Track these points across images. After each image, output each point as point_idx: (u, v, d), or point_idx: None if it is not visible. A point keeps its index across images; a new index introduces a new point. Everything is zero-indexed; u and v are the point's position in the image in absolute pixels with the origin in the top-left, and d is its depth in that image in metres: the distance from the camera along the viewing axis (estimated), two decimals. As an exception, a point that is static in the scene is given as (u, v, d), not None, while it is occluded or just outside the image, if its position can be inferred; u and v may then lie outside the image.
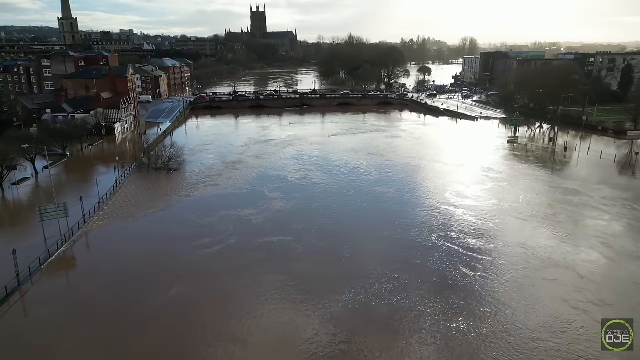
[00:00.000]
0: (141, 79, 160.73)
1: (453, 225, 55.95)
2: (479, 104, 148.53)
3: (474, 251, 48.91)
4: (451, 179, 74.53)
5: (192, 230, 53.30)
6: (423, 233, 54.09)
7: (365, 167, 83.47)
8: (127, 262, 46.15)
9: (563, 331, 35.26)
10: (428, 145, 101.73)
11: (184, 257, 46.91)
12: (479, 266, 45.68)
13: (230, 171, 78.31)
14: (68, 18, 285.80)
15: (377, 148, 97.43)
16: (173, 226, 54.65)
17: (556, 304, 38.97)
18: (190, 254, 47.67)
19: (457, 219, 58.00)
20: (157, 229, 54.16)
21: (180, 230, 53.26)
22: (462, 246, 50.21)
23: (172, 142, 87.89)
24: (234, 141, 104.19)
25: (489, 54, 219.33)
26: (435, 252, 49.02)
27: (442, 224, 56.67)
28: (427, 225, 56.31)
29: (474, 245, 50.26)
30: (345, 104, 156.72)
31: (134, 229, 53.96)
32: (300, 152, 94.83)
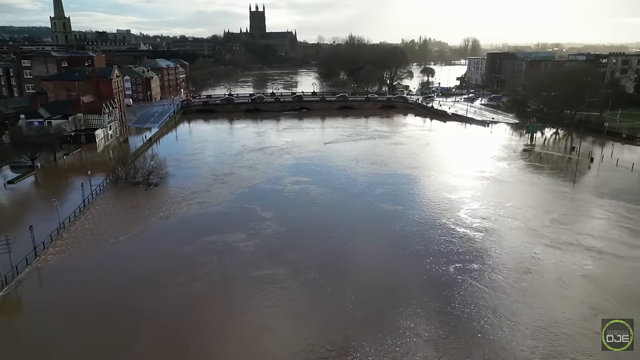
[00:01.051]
0: (131, 80, 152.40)
1: (472, 254, 47.72)
2: (488, 108, 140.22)
3: (501, 290, 40.53)
4: (465, 195, 66.15)
5: (166, 264, 44.88)
6: (439, 264, 45.85)
7: (368, 179, 75.22)
8: (77, 310, 37.50)
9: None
10: (436, 153, 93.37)
11: (152, 302, 38.47)
12: (506, 313, 37.25)
13: (219, 185, 69.91)
14: (60, 17, 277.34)
15: (380, 157, 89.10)
16: (145, 258, 46.21)
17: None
18: (161, 296, 39.25)
19: (476, 246, 49.75)
20: (125, 261, 45.65)
21: (152, 264, 44.81)
22: (487, 284, 41.85)
23: (153, 153, 79.19)
24: (226, 149, 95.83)
25: (495, 55, 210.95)
26: (456, 291, 40.70)
27: (459, 251, 48.44)
28: (443, 253, 48.08)
29: (500, 282, 41.88)
30: (346, 107, 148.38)
31: (96, 263, 45.22)
32: (297, 161, 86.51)
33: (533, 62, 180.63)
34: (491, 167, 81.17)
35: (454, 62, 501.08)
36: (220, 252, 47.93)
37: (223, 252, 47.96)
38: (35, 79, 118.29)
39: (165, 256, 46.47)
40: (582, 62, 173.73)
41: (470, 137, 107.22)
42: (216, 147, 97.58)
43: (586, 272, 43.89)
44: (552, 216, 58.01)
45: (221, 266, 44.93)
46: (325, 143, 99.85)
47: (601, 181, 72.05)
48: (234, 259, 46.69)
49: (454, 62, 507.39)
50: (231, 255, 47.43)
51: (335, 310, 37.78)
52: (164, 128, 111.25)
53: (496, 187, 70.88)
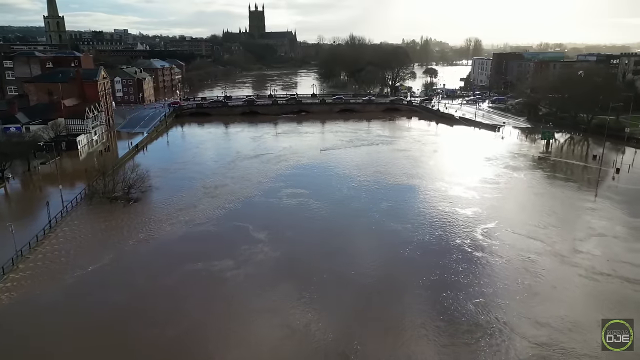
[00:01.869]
0: (122, 82, 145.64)
1: (494, 285, 41.18)
2: (496, 111, 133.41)
3: (535, 340, 33.82)
4: (479, 210, 59.45)
5: (140, 302, 38.25)
6: (458, 301, 39.27)
7: (372, 191, 68.61)
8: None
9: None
10: (445, 161, 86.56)
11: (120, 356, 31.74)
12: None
13: (209, 200, 63.15)
14: (54, 16, 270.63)
15: (384, 165, 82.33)
16: (115, 294, 39.42)
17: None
18: (131, 347, 32.52)
19: (498, 275, 43.30)
20: (91, 298, 38.77)
21: (123, 302, 38.09)
22: (514, 326, 35.13)
23: (137, 162, 72.26)
24: (219, 156, 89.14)
25: (501, 55, 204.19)
26: (481, 337, 33.99)
27: (479, 282, 41.87)
28: (461, 287, 41.42)
29: (531, 327, 35.18)
30: (347, 110, 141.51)
31: (54, 302, 38.24)
32: (294, 170, 79.86)
33: (541, 62, 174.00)
34: (505, 178, 74.48)
35: (456, 63, 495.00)
36: (203, 285, 41.24)
37: (206, 285, 41.26)
38: (18, 80, 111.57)
39: (139, 292, 39.78)
40: (593, 62, 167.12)
41: (481, 143, 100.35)
42: (208, 155, 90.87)
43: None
44: (580, 238, 51.28)
45: (202, 307, 38.09)
46: (322, 150, 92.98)
47: (633, 196, 64.99)
48: (218, 294, 40.01)
49: (455, 62, 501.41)
50: (215, 289, 40.74)
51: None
52: (153, 133, 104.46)
53: (513, 201, 64.23)
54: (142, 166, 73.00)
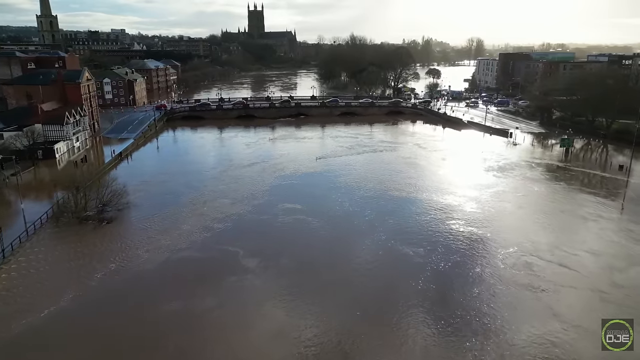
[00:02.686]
0: (111, 83, 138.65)
1: (527, 333, 34.10)
2: (506, 114, 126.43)
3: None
4: (498, 231, 52.68)
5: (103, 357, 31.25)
6: (484, 351, 32.31)
7: (377, 205, 61.89)
8: None
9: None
10: (455, 172, 79.34)
11: None
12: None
13: (195, 218, 56.21)
14: (47, 16, 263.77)
15: (389, 176, 75.42)
16: (65, 350, 32.38)
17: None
18: None
19: (527, 309, 36.71)
20: (33, 358, 31.69)
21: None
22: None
23: (112, 176, 65.09)
24: (210, 166, 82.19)
25: (508, 55, 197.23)
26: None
27: (510, 328, 34.87)
28: (490, 332, 34.55)
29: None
30: (348, 113, 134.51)
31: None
32: (290, 181, 73.03)
33: (551, 63, 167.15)
34: (524, 191, 67.62)
35: (458, 63, 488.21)
36: (180, 332, 34.28)
37: (184, 332, 34.30)
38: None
39: (102, 343, 32.78)
40: (604, 63, 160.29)
41: (492, 150, 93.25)
42: (198, 164, 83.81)
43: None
44: (620, 268, 44.39)
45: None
46: (317, 158, 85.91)
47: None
48: (197, 344, 33.07)
49: (457, 62, 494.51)
50: (194, 338, 33.77)
51: None
52: (141, 139, 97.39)
53: (535, 219, 57.22)
54: (122, 178, 66.38)
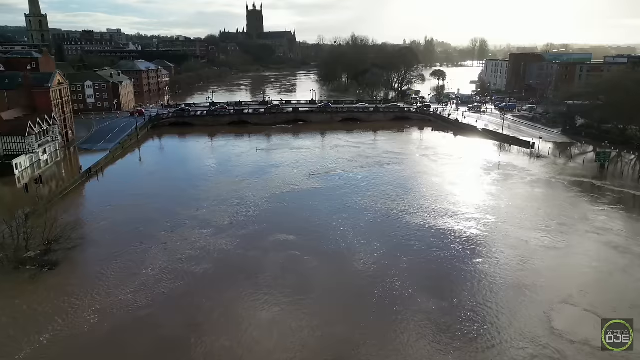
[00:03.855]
0: (93, 86, 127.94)
1: None
2: (523, 121, 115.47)
3: None
4: (548, 283, 41.74)
5: None
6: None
7: (387, 238, 51.53)
8: None
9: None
10: (475, 193, 67.89)
11: None
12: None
13: (164, 259, 45.49)
14: (36, 15, 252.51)
15: (398, 197, 64.60)
16: None
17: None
18: None
19: None
20: None
21: None
22: None
23: (64, 206, 54.06)
24: (191, 183, 71.37)
25: (519, 57, 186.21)
26: None
27: None
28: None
29: None
30: (350, 119, 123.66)
31: None
32: (282, 204, 62.40)
33: (567, 64, 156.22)
34: (565, 219, 56.62)
35: (461, 64, 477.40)
36: None
37: None
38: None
39: None
40: (623, 65, 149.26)
41: (514, 164, 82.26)
42: (178, 180, 73.06)
43: None
44: None
45: None
46: (310, 174, 75.04)
47: None
48: None
49: (460, 63, 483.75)
50: None
51: None
52: (118, 150, 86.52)
53: (589, 265, 46.17)
54: (85, 203, 55.79)
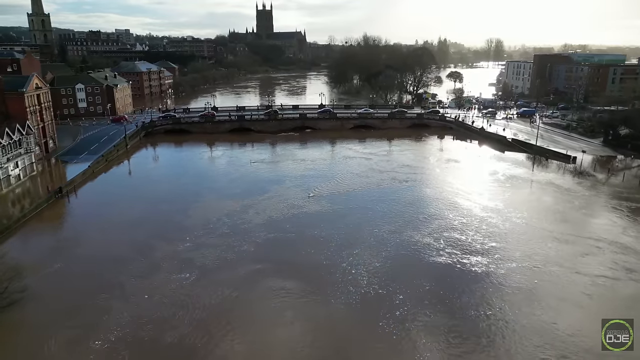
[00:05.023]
0: (85, 90, 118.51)
1: None
2: (555, 129, 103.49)
3: None
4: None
5: None
6: None
7: (411, 286, 41.07)
8: None
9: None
10: (513, 223, 56.43)
11: None
12: None
13: (120, 320, 35.18)
14: (38, 14, 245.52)
15: (421, 228, 53.59)
16: None
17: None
18: None
19: None
20: None
21: None
22: None
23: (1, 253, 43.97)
24: (175, 206, 60.69)
25: (544, 57, 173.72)
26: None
27: None
28: None
29: None
30: (363, 126, 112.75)
31: None
32: (284, 234, 52.04)
33: (598, 67, 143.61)
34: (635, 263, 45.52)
35: (476, 65, 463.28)
36: None
37: None
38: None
39: None
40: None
41: (557, 184, 70.56)
42: (162, 202, 62.66)
43: None
44: None
45: None
46: (310, 196, 63.94)
47: None
48: None
49: (475, 64, 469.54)
50: None
51: None
52: (100, 164, 76.55)
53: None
54: (42, 237, 45.63)
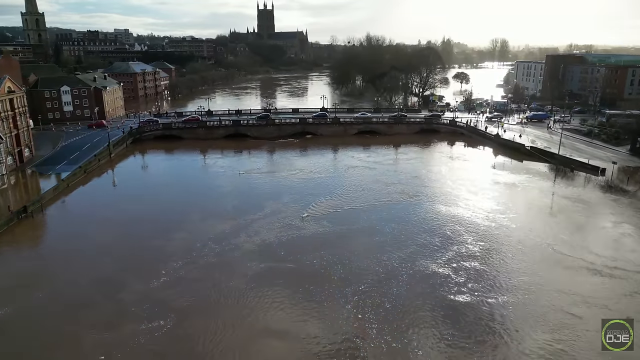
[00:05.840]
0: (72, 92, 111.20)
1: None
2: (575, 135, 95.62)
3: None
4: None
5: None
6: None
7: (430, 341, 33.35)
8: None
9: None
10: (540, 249, 48.79)
11: None
12: None
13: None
14: (32, 13, 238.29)
15: (433, 255, 46.09)
16: None
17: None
18: None
19: None
20: None
21: None
22: None
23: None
24: (155, 228, 53.30)
25: (557, 58, 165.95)
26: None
27: None
28: None
29: None
30: (367, 132, 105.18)
31: None
32: (276, 267, 44.40)
33: (616, 68, 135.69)
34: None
35: (480, 65, 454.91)
36: None
37: None
38: None
39: None
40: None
41: (586, 199, 62.91)
42: (141, 223, 55.23)
43: None
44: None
45: None
46: (304, 216, 55.83)
47: None
48: None
49: (480, 65, 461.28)
50: None
51: None
52: (77, 175, 69.00)
53: None
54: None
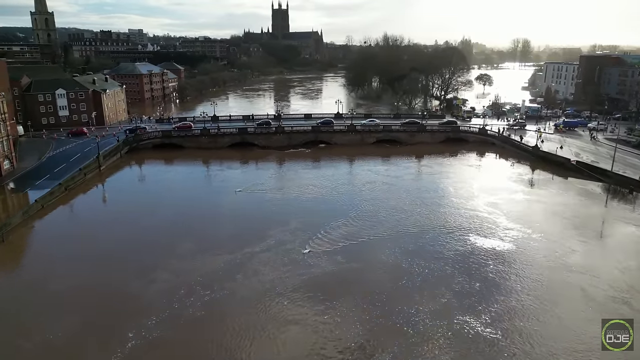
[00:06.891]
0: (68, 96, 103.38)
1: None
2: (620, 146, 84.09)
3: None
4: None
5: None
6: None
7: None
8: None
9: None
10: (604, 299, 38.98)
11: None
12: None
13: None
14: (42, 12, 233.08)
15: (472, 309, 36.36)
16: None
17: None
18: None
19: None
20: None
21: None
22: None
23: None
24: (135, 266, 44.40)
25: (592, 59, 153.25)
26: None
27: None
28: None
29: None
30: (386, 140, 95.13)
31: None
32: (277, 331, 34.62)
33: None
34: None
35: (501, 66, 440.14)
36: None
37: None
38: None
39: None
40: None
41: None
42: (119, 259, 46.29)
43: None
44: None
45: None
46: (306, 251, 46.37)
47: None
48: None
49: (500, 66, 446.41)
50: None
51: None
52: (55, 194, 60.43)
53: None
54: None
